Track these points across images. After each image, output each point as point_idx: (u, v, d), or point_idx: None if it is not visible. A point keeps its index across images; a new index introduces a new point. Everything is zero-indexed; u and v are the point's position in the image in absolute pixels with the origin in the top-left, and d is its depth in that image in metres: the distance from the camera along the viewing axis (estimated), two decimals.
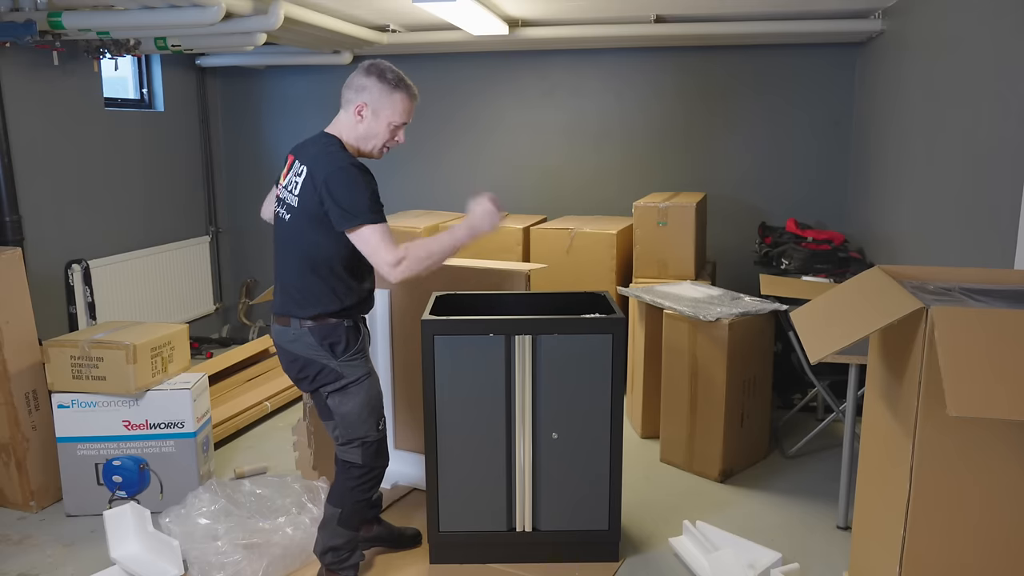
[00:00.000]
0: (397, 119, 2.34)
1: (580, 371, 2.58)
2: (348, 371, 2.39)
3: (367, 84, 2.31)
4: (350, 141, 2.37)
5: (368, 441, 2.43)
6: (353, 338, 2.40)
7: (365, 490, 2.47)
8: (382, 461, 2.49)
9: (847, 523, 2.94)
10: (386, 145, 2.39)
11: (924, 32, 3.41)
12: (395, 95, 2.31)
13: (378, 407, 2.45)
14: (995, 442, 1.57)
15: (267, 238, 6.26)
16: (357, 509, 2.49)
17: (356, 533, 2.53)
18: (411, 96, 2.35)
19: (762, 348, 3.50)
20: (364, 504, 2.50)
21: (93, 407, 3.04)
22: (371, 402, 2.43)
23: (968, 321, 1.48)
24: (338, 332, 2.37)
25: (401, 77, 2.33)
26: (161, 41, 4.15)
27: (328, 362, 2.38)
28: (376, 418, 2.44)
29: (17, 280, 3.11)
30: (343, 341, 2.37)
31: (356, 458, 2.43)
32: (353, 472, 2.45)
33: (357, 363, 2.41)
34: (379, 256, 2.24)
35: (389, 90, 2.31)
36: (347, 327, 2.39)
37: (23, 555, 2.84)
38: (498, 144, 5.25)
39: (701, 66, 4.87)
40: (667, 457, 3.54)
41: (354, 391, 2.40)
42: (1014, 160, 2.41)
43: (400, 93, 2.32)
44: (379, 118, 2.33)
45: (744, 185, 4.93)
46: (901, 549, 1.66)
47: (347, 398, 2.40)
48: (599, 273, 4.29)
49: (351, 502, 2.46)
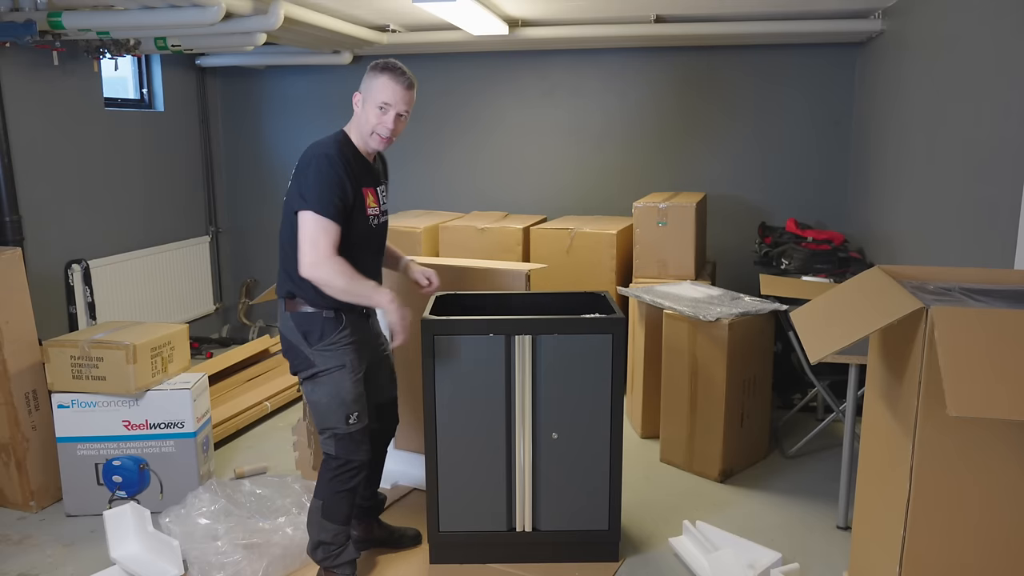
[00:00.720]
0: (380, 98, 2.37)
1: (580, 371, 2.58)
2: (319, 360, 2.41)
3: (364, 77, 2.42)
4: (355, 136, 2.45)
5: (338, 433, 2.43)
6: (330, 329, 2.40)
7: (343, 482, 2.46)
8: (358, 455, 2.47)
9: (847, 523, 2.94)
10: (376, 131, 2.40)
11: (924, 32, 3.41)
12: (380, 77, 2.39)
13: (348, 401, 2.42)
14: (995, 442, 1.57)
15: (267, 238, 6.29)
16: (337, 501, 2.48)
17: (344, 527, 2.51)
18: (396, 78, 2.38)
19: (762, 348, 3.50)
20: (345, 497, 2.48)
21: (93, 407, 3.04)
22: (340, 395, 2.42)
23: (968, 321, 1.48)
24: (314, 321, 2.40)
25: (389, 63, 2.40)
26: (161, 41, 4.16)
27: (303, 348, 2.42)
28: (345, 412, 2.42)
29: (17, 280, 3.11)
30: (318, 330, 2.40)
31: (330, 449, 2.46)
32: (330, 463, 2.47)
33: (330, 354, 2.41)
34: (305, 246, 2.29)
35: (375, 74, 2.40)
36: (325, 317, 2.40)
37: (23, 555, 2.84)
38: (498, 144, 5.25)
39: (701, 66, 4.88)
40: (667, 457, 3.54)
41: (323, 380, 2.42)
42: (1014, 160, 2.41)
43: (384, 76, 2.38)
44: (368, 103, 2.40)
45: (744, 185, 4.93)
46: (901, 549, 1.66)
47: (316, 387, 2.43)
48: (599, 273, 4.29)
49: (330, 493, 2.47)
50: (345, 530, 2.52)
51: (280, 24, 3.72)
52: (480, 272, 3.16)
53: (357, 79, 2.47)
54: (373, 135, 2.41)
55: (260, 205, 5.71)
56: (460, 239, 4.56)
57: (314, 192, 2.29)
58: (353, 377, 2.44)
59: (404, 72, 2.40)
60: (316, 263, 2.28)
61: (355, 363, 2.45)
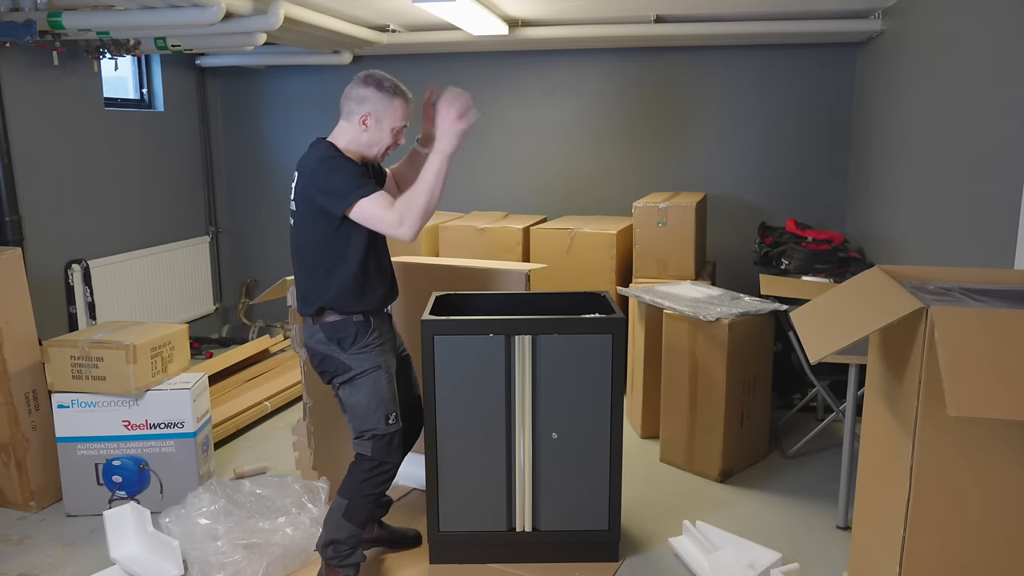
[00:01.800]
0: (398, 123, 2.44)
1: (580, 371, 2.58)
2: (355, 363, 2.45)
3: (367, 95, 2.41)
4: (352, 148, 2.44)
5: (378, 434, 2.47)
6: (363, 332, 2.45)
7: (374, 484, 2.49)
8: (394, 457, 2.51)
9: (847, 523, 2.94)
10: (389, 148, 2.48)
11: (924, 32, 3.41)
12: (394, 101, 2.42)
13: (386, 401, 2.47)
14: (995, 442, 1.57)
15: (267, 238, 6.30)
16: (364, 504, 2.50)
17: (360, 530, 2.53)
18: (408, 100, 2.46)
19: (762, 348, 3.50)
20: (372, 500, 2.51)
21: (93, 407, 3.04)
22: (378, 395, 2.46)
23: (968, 321, 1.48)
24: (346, 328, 2.44)
25: (396, 84, 2.44)
26: (161, 41, 4.16)
27: (338, 355, 2.45)
28: (385, 412, 2.47)
29: (17, 280, 3.11)
30: (351, 335, 2.44)
31: (367, 451, 2.48)
32: (364, 464, 2.49)
33: (365, 356, 2.45)
34: (383, 223, 2.33)
35: (388, 97, 2.41)
36: (356, 322, 2.45)
37: (23, 555, 2.84)
38: (498, 144, 5.25)
39: (701, 66, 4.87)
40: (667, 457, 3.54)
41: (361, 383, 2.45)
42: (1014, 160, 2.41)
43: (398, 99, 2.43)
44: (382, 124, 2.42)
45: (744, 185, 4.93)
46: (901, 549, 1.66)
47: (355, 390, 2.46)
48: (599, 273, 4.29)
49: (359, 495, 2.49)
50: (360, 533, 2.54)
51: (280, 24, 3.72)
52: (480, 272, 3.16)
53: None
54: (380, 152, 2.46)
55: (260, 205, 5.72)
56: (460, 239, 4.56)
57: (347, 185, 2.31)
58: (388, 377, 2.49)
59: (408, 92, 2.46)
60: (399, 223, 2.30)
61: (388, 363, 2.50)
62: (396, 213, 2.30)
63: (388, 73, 2.46)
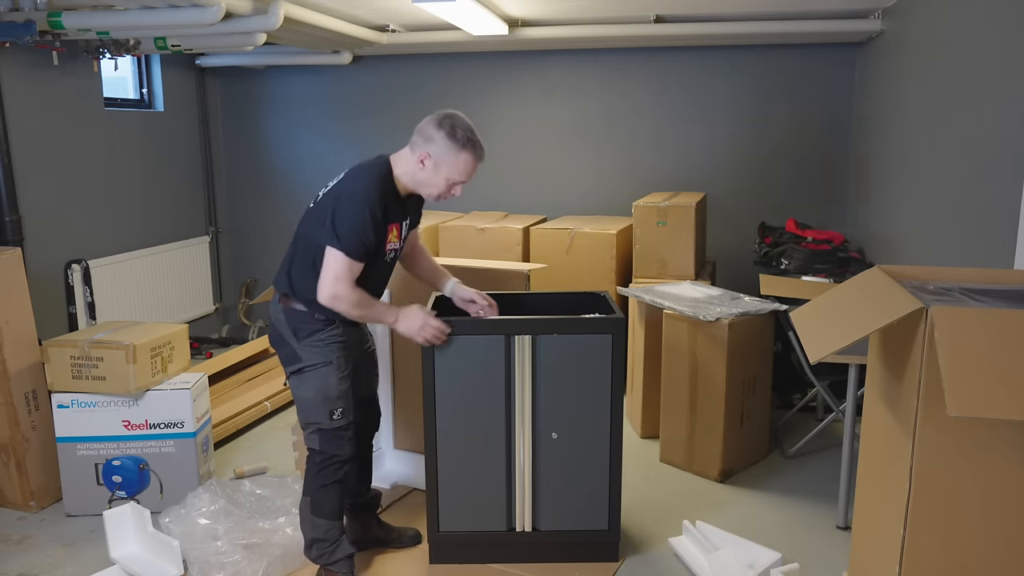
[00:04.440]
0: (457, 177, 2.36)
1: (580, 371, 2.58)
2: (306, 355, 2.43)
3: (435, 136, 2.32)
4: (405, 180, 2.40)
5: (323, 428, 2.45)
6: (322, 328, 2.43)
7: (327, 476, 2.47)
8: (343, 450, 2.48)
9: (847, 523, 2.94)
10: (441, 196, 2.41)
11: (924, 32, 3.41)
12: (461, 155, 2.33)
13: (332, 397, 2.44)
14: (995, 442, 1.57)
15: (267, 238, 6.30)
16: (326, 496, 2.49)
17: (335, 523, 2.52)
18: (477, 157, 2.36)
19: (762, 348, 3.50)
20: (332, 490, 2.49)
21: (93, 407, 3.04)
22: (324, 390, 2.43)
23: (968, 321, 1.47)
24: (305, 319, 2.43)
25: (470, 136, 2.33)
26: (161, 41, 4.15)
27: (291, 342, 2.44)
28: (330, 407, 2.44)
29: (17, 280, 3.11)
30: (307, 327, 2.42)
31: (314, 444, 2.48)
32: (315, 458, 2.49)
33: (317, 350, 2.43)
34: (327, 279, 2.31)
35: (456, 149, 2.32)
36: (318, 319, 2.42)
37: (23, 555, 2.84)
38: (498, 144, 5.23)
39: (701, 66, 4.87)
40: (667, 457, 3.54)
41: (309, 376, 2.43)
42: (1014, 160, 2.41)
43: (466, 153, 2.33)
44: (439, 171, 2.35)
45: (744, 185, 4.93)
46: (901, 549, 1.66)
47: (302, 382, 2.45)
48: (599, 273, 4.29)
49: (316, 488, 2.49)
50: (337, 525, 2.53)
51: (280, 24, 3.72)
52: (480, 272, 3.16)
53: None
54: (432, 196, 2.41)
55: (260, 205, 5.71)
56: (460, 239, 4.56)
57: (346, 232, 2.28)
58: (339, 374, 2.45)
59: (481, 147, 2.36)
60: (336, 297, 2.31)
61: (341, 360, 2.46)
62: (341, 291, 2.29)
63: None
